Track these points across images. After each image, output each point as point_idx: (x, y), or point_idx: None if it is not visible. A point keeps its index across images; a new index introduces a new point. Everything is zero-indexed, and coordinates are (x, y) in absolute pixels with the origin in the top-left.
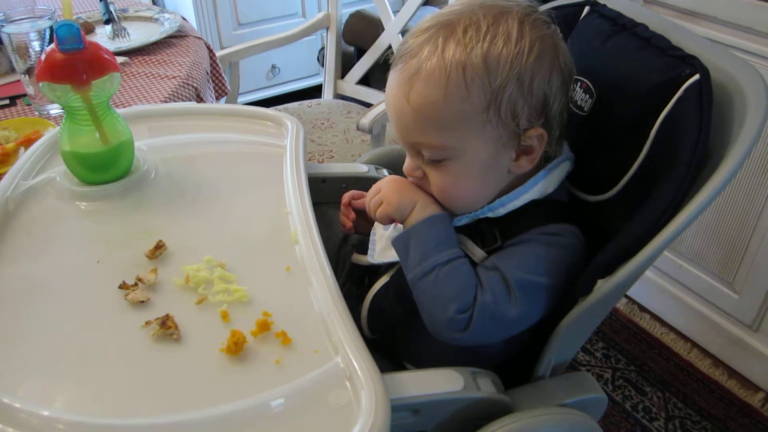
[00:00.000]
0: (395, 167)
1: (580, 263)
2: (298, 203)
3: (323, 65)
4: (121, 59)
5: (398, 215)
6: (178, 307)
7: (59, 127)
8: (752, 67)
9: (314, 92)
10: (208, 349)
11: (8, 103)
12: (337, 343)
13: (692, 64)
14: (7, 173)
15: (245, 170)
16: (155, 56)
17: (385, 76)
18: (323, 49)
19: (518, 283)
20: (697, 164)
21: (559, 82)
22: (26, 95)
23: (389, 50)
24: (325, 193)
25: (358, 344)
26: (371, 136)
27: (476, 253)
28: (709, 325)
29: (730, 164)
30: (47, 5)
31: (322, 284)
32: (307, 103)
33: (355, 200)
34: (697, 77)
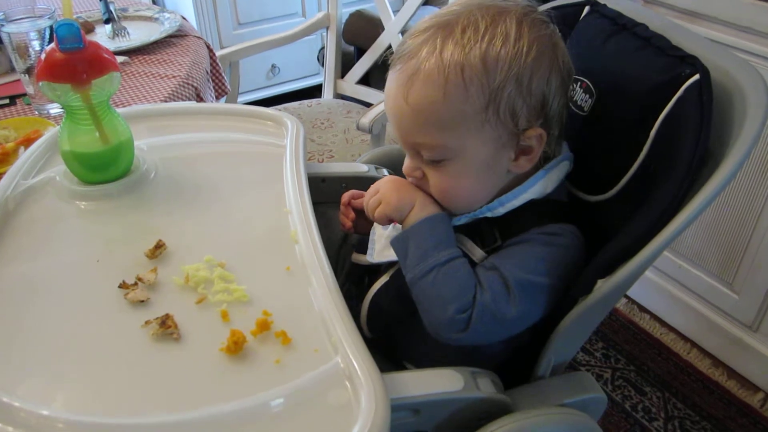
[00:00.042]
0: (395, 167)
1: (579, 263)
2: (297, 203)
3: (323, 65)
4: (121, 59)
5: (397, 215)
6: (177, 306)
7: (59, 126)
8: (752, 67)
9: (314, 92)
10: (207, 348)
11: (8, 102)
12: (336, 342)
13: (692, 64)
14: (6, 173)
15: (245, 170)
16: (155, 56)
17: (384, 75)
18: (323, 48)
19: (517, 282)
20: (697, 164)
21: (558, 81)
22: (26, 95)
23: (389, 50)
24: (324, 192)
25: (357, 344)
26: (371, 135)
27: (476, 252)
28: (708, 325)
29: (730, 164)
30: (47, 4)
31: (321, 284)
32: (307, 102)
33: (354, 200)
34: (697, 77)
